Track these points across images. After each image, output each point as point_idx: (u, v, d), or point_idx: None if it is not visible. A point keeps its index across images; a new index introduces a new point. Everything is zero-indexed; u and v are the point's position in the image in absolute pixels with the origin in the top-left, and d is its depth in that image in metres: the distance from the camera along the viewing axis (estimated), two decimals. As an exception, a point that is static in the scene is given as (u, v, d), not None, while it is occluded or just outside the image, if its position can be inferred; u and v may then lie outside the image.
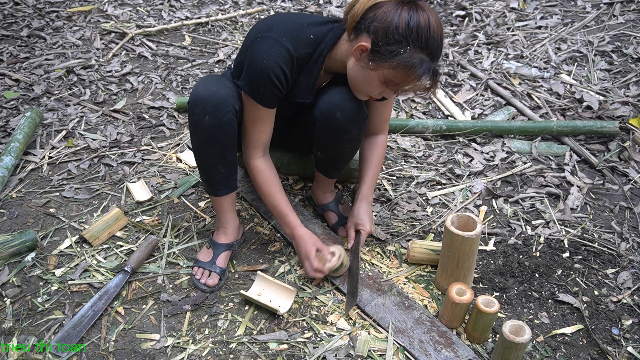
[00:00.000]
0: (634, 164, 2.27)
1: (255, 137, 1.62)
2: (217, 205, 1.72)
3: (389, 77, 1.43)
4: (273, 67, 1.46)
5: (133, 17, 3.64)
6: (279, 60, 1.46)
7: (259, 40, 1.48)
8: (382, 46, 1.38)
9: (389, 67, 1.40)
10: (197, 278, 1.70)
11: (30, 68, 2.96)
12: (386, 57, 1.39)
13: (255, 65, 1.47)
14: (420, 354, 1.48)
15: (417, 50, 1.37)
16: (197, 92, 1.52)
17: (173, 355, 1.50)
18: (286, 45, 1.47)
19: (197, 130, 1.55)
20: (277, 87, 1.50)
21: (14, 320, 1.58)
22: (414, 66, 1.38)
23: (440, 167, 2.25)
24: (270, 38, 1.47)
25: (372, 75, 1.45)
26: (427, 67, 1.40)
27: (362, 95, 1.57)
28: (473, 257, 1.58)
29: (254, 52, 1.48)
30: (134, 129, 2.49)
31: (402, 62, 1.38)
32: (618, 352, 1.53)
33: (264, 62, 1.46)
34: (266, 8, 3.80)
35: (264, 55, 1.46)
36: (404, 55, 1.37)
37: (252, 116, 1.58)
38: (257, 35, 1.50)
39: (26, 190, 2.09)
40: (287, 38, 1.48)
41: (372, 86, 1.49)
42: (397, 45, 1.37)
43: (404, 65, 1.38)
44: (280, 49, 1.46)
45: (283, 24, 1.52)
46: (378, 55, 1.40)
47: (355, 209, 1.78)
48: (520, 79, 2.90)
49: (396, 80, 1.42)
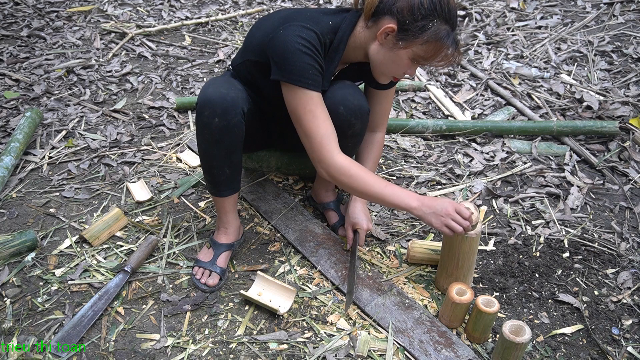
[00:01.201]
0: (634, 164, 2.27)
1: (324, 130, 1.45)
2: (220, 205, 1.72)
3: (419, 54, 1.44)
4: (309, 47, 1.42)
5: (133, 17, 3.64)
6: (311, 40, 1.43)
7: (282, 31, 1.44)
8: (409, 24, 1.40)
9: (420, 42, 1.41)
10: (198, 278, 1.70)
11: (30, 68, 2.96)
12: (416, 34, 1.40)
13: (290, 49, 1.40)
14: (420, 354, 1.48)
15: (442, 21, 1.40)
16: (207, 93, 1.50)
17: (173, 355, 1.50)
18: (313, 29, 1.45)
19: (205, 132, 1.53)
20: (319, 64, 1.45)
21: (14, 320, 1.58)
22: (442, 38, 1.41)
23: (440, 167, 2.25)
24: (294, 26, 1.44)
25: (401, 55, 1.45)
26: (452, 37, 1.43)
27: (386, 78, 1.56)
28: (473, 257, 1.58)
29: (281, 41, 1.42)
30: (134, 129, 2.49)
31: (432, 35, 1.40)
32: (618, 352, 1.53)
33: (299, 41, 1.40)
34: (266, 8, 3.80)
35: (296, 38, 1.41)
36: (432, 29, 1.39)
37: (304, 109, 1.44)
38: (277, 29, 1.46)
39: (26, 190, 2.09)
40: (310, 24, 1.46)
41: (400, 66, 1.48)
42: (425, 20, 1.39)
43: (434, 38, 1.40)
44: (310, 32, 1.44)
45: (300, 14, 1.50)
46: (407, 34, 1.41)
47: (350, 209, 1.77)
48: (520, 79, 2.90)
49: (427, 55, 1.44)
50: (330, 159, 1.46)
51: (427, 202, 1.47)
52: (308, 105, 1.44)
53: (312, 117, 1.44)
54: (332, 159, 1.46)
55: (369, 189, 1.47)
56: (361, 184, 1.47)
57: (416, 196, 1.48)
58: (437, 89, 2.82)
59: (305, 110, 1.44)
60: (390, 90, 1.75)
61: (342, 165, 1.46)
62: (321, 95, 1.48)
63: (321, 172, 1.51)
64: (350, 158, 1.49)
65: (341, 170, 1.46)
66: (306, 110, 1.44)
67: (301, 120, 1.46)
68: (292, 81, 1.43)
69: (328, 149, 1.46)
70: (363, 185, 1.47)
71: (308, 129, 1.46)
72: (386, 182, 1.49)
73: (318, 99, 1.45)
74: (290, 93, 1.46)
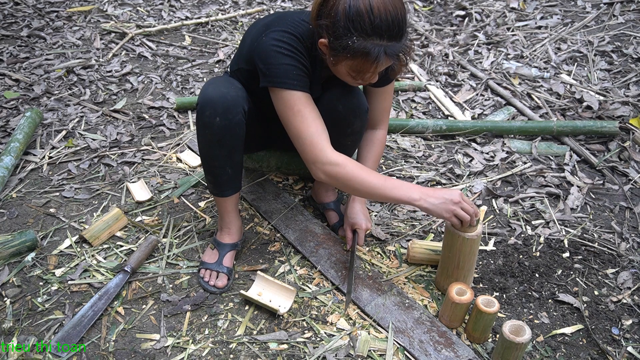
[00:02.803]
0: (634, 164, 2.27)
1: (314, 129, 1.42)
2: (222, 205, 1.72)
3: (352, 67, 1.39)
4: (289, 49, 1.42)
5: (133, 17, 3.64)
6: (292, 43, 1.43)
7: (264, 38, 1.45)
8: (333, 42, 1.36)
9: (346, 59, 1.37)
10: (206, 280, 1.69)
11: (30, 68, 2.96)
12: (340, 52, 1.36)
13: (272, 54, 1.42)
14: (420, 354, 1.48)
15: (365, 36, 1.31)
16: (207, 93, 1.50)
17: (173, 355, 1.50)
18: (294, 33, 1.45)
19: (206, 132, 1.53)
20: (303, 64, 1.45)
21: (14, 320, 1.58)
22: (368, 53, 1.33)
23: (440, 167, 2.25)
24: (276, 31, 1.45)
25: (338, 68, 1.43)
26: (383, 49, 1.33)
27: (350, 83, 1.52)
28: (473, 258, 1.58)
29: (264, 47, 1.44)
30: (134, 129, 2.49)
31: (356, 52, 1.33)
32: (618, 352, 1.53)
33: (279, 47, 1.41)
34: (266, 8, 3.80)
35: (275, 44, 1.42)
36: (353, 46, 1.32)
37: (292, 110, 1.43)
38: (260, 35, 1.48)
39: (26, 190, 2.09)
40: (292, 29, 1.46)
41: (344, 77, 1.47)
42: (344, 38, 1.33)
43: (360, 54, 1.34)
44: (289, 36, 1.44)
45: (282, 20, 1.50)
46: (334, 51, 1.38)
47: (348, 209, 1.76)
48: (520, 79, 2.90)
49: (359, 68, 1.39)
50: (324, 156, 1.42)
51: (431, 193, 1.42)
52: (295, 105, 1.42)
53: (300, 118, 1.42)
54: (325, 157, 1.42)
55: (368, 184, 1.41)
56: (359, 180, 1.41)
57: (417, 188, 1.43)
58: (437, 89, 2.82)
59: (293, 112, 1.42)
60: (388, 88, 1.70)
61: (337, 162, 1.41)
62: (309, 95, 1.45)
63: (317, 173, 1.46)
64: (345, 155, 1.45)
65: (336, 167, 1.41)
66: (294, 111, 1.42)
67: (290, 122, 1.44)
68: (276, 84, 1.42)
69: (320, 147, 1.42)
70: (361, 182, 1.41)
71: (297, 129, 1.43)
72: (385, 177, 1.44)
73: (305, 99, 1.43)
74: (276, 97, 1.45)
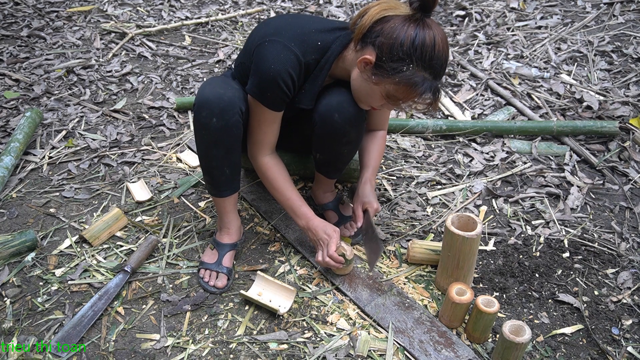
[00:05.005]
0: (634, 164, 2.27)
1: (262, 137, 1.63)
2: (221, 206, 1.72)
3: (391, 92, 1.44)
4: (281, 72, 1.45)
5: (133, 17, 3.64)
6: (287, 66, 1.46)
7: (267, 45, 1.47)
8: (385, 62, 1.39)
9: (391, 82, 1.41)
10: (206, 280, 1.69)
11: (30, 68, 2.96)
12: (389, 73, 1.40)
13: (263, 70, 1.46)
14: (420, 354, 1.48)
15: (420, 68, 1.38)
16: (204, 94, 1.51)
17: (173, 355, 1.50)
18: (294, 50, 1.46)
19: (203, 133, 1.54)
20: (284, 92, 1.50)
21: (14, 320, 1.58)
22: (415, 84, 1.39)
23: (440, 167, 2.25)
24: (278, 42, 1.46)
25: (374, 89, 1.46)
26: (429, 85, 1.41)
27: (364, 105, 1.58)
28: (473, 257, 1.58)
29: (261, 56, 1.47)
30: (134, 129, 2.49)
31: (404, 79, 1.39)
32: (618, 352, 1.53)
33: (272, 67, 1.45)
34: (266, 8, 3.80)
35: (272, 61, 1.45)
36: (406, 73, 1.38)
37: (258, 118, 1.58)
38: (265, 38, 1.48)
39: (26, 190, 2.09)
40: (295, 43, 1.47)
41: (373, 99, 1.50)
42: (401, 62, 1.38)
43: (406, 82, 1.39)
44: (288, 54, 1.46)
45: (291, 29, 1.50)
46: (381, 70, 1.41)
47: (360, 189, 1.77)
48: (520, 79, 2.90)
49: (397, 95, 1.44)
50: (256, 158, 1.66)
51: (313, 227, 1.66)
52: (261, 117, 1.58)
53: (259, 126, 1.60)
54: (256, 159, 1.66)
55: (276, 192, 1.68)
56: (272, 186, 1.68)
57: (308, 218, 1.66)
58: (437, 89, 2.82)
59: (259, 121, 1.59)
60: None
61: (260, 167, 1.67)
62: (279, 114, 1.58)
63: (253, 165, 1.70)
64: (275, 162, 1.67)
65: (260, 170, 1.67)
66: (260, 121, 1.59)
67: (252, 123, 1.61)
68: (256, 96, 1.52)
69: (257, 152, 1.65)
70: (271, 188, 1.68)
71: (254, 131, 1.63)
72: (294, 196, 1.67)
73: (272, 117, 1.58)
74: (253, 101, 1.56)
